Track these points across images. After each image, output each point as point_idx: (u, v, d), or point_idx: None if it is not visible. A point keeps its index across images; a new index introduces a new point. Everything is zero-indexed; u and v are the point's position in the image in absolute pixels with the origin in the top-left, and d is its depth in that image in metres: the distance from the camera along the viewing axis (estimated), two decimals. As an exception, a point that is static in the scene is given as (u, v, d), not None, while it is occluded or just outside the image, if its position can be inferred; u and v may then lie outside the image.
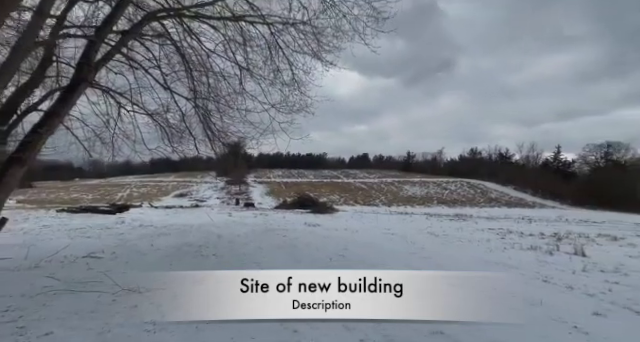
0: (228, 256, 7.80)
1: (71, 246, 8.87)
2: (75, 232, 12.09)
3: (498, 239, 12.33)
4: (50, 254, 7.62)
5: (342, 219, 20.76)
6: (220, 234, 11.49)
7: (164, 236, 11.09)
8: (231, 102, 8.52)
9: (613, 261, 9.17)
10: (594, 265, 8.50)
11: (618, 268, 8.35)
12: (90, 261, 6.99)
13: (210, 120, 8.50)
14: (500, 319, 2.30)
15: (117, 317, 3.67)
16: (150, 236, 10.91)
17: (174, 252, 8.17)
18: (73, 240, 10.35)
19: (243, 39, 8.51)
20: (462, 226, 16.89)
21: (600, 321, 4.59)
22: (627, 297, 5.81)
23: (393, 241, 11.11)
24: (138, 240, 10.12)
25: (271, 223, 15.54)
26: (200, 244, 9.25)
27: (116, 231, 12.47)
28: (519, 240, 11.99)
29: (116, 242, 9.91)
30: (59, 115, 6.44)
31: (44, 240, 10.37)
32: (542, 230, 16.28)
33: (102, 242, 9.91)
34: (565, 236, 13.51)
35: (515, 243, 11.33)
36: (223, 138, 8.68)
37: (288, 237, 10.86)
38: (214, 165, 64.72)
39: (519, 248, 10.42)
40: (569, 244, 11.20)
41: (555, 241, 11.93)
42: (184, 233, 11.65)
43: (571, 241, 11.92)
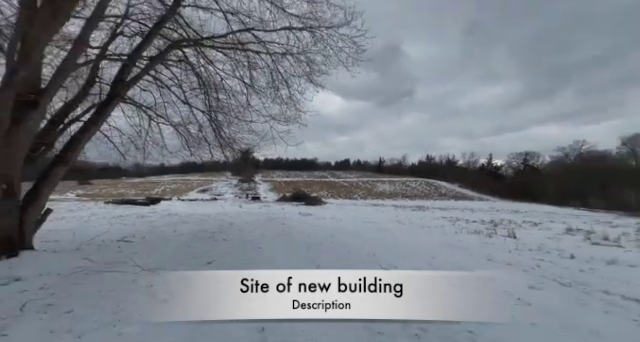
0: (236, 241, 7.36)
1: (110, 231, 8.38)
2: (115, 220, 11.55)
3: (450, 225, 12.06)
4: (91, 238, 7.12)
5: (329, 210, 20.20)
6: (231, 222, 11.00)
7: (186, 223, 10.60)
8: (239, 115, 8.12)
9: (536, 242, 9.01)
10: (523, 245, 8.30)
11: (540, 247, 8.18)
12: (122, 245, 6.50)
13: (222, 129, 8.09)
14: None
15: (133, 296, 3.24)
16: (174, 223, 10.41)
17: (192, 237, 7.70)
18: (112, 226, 9.83)
19: (249, 64, 8.18)
20: (422, 215, 16.52)
21: (537, 293, 4.31)
22: (551, 272, 5.57)
23: (370, 229, 10.69)
24: (165, 227, 9.62)
25: (273, 213, 15.04)
26: (214, 230, 8.79)
27: (148, 219, 11.94)
28: (466, 226, 11.77)
29: (147, 228, 9.40)
30: (96, 124, 6.00)
31: (89, 226, 9.83)
32: (482, 218, 16.12)
33: (135, 228, 9.40)
34: (499, 223, 13.35)
35: (463, 228, 11.13)
36: (232, 144, 8.27)
37: (286, 225, 10.39)
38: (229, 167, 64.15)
39: (466, 232, 10.18)
40: (503, 229, 11.04)
41: (492, 227, 11.77)
42: (202, 221, 11.16)
43: (504, 227, 11.76)
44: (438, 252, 6.88)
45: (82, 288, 3.60)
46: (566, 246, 8.55)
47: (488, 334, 2.72)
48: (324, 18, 7.84)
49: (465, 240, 8.67)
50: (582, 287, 4.70)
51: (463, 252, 6.96)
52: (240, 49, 7.98)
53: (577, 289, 4.60)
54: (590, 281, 5.03)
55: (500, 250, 7.46)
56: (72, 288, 3.61)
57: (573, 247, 8.46)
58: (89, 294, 3.35)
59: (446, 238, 8.95)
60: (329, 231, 9.38)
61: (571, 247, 8.44)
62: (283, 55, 8.28)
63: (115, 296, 3.26)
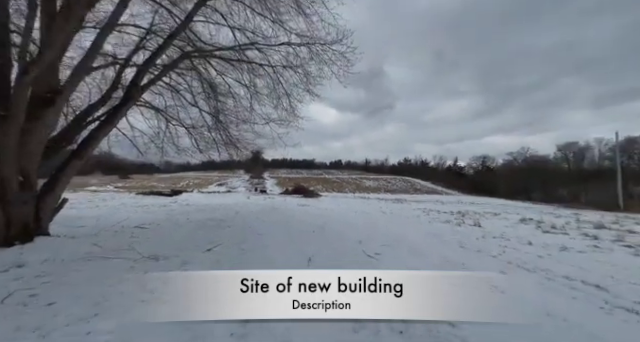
0: (239, 228, 6.77)
1: (130, 218, 7.73)
2: (141, 208, 10.86)
3: (425, 216, 11.43)
4: (112, 224, 6.51)
5: (324, 202, 19.25)
6: (238, 211, 10.32)
7: (200, 212, 9.95)
8: (243, 117, 7.54)
9: (498, 230, 8.50)
10: (488, 233, 7.80)
11: (502, 235, 7.68)
12: (137, 231, 5.87)
13: (228, 130, 7.48)
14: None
15: (122, 286, 2.62)
16: (189, 212, 9.75)
17: (201, 225, 7.09)
18: (136, 214, 9.17)
19: (253, 74, 7.62)
20: (401, 207, 15.92)
21: (507, 278, 3.79)
22: (515, 257, 5.08)
23: (358, 219, 9.99)
24: (180, 215, 8.96)
25: (276, 204, 14.36)
26: (221, 218, 8.15)
27: (169, 208, 11.27)
28: (438, 216, 11.17)
29: (165, 216, 8.76)
30: (111, 123, 5.36)
31: (116, 214, 9.13)
32: (450, 209, 15.54)
33: (155, 216, 8.76)
34: (465, 213, 12.79)
35: (436, 218, 10.57)
36: (236, 144, 7.67)
37: (285, 215, 9.71)
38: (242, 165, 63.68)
39: (439, 221, 9.61)
40: (469, 219, 10.54)
41: (460, 216, 11.23)
42: (214, 210, 10.49)
43: (470, 217, 11.24)
44: (414, 238, 6.37)
45: (78, 276, 3.00)
46: (523, 234, 8.07)
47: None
48: (319, 36, 7.30)
49: (438, 228, 8.15)
50: (544, 273, 4.19)
51: (438, 240, 6.43)
52: (245, 61, 7.40)
53: (540, 275, 4.08)
54: (551, 267, 4.52)
55: (469, 237, 6.95)
56: (69, 275, 3.01)
57: (529, 235, 7.98)
58: (81, 283, 2.76)
59: (422, 227, 8.42)
60: (323, 220, 8.77)
61: (527, 235, 7.96)
62: (284, 68, 7.70)
63: (104, 285, 2.67)
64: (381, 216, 10.75)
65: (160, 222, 7.37)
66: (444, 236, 6.82)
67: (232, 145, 7.56)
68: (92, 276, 2.94)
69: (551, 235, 8.23)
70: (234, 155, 7.76)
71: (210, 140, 7.63)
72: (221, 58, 7.12)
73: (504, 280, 2.90)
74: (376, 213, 11.83)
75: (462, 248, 5.63)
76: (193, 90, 7.24)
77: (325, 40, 7.41)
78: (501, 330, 1.97)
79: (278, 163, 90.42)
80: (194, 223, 7.28)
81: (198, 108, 7.12)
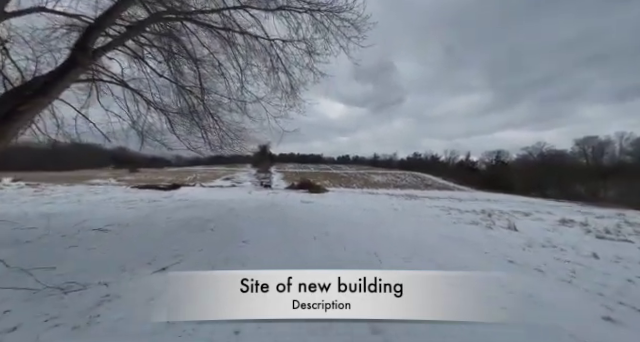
0: (224, 231, 5.47)
1: (99, 217, 6.50)
2: (126, 204, 9.60)
3: (445, 215, 9.72)
4: (67, 226, 5.28)
5: (330, 198, 17.07)
6: (233, 208, 8.98)
7: (190, 208, 8.65)
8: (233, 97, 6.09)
9: (540, 235, 6.92)
10: (531, 240, 6.24)
11: (549, 242, 6.18)
12: (89, 236, 4.57)
13: (215, 114, 6.08)
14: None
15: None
16: (177, 209, 8.44)
17: (181, 225, 5.83)
18: (116, 210, 7.98)
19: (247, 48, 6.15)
20: (414, 204, 14.05)
21: (610, 326, 2.34)
22: (598, 282, 3.56)
23: (369, 218, 8.36)
24: (164, 213, 7.65)
25: (277, 200, 12.77)
26: (209, 218, 6.83)
27: (158, 204, 10.00)
28: (460, 216, 9.51)
29: (146, 214, 7.49)
30: (47, 95, 4.02)
31: (93, 210, 7.93)
32: (472, 207, 13.59)
33: (135, 213, 7.51)
34: (491, 213, 10.96)
35: (459, 218, 8.94)
36: (222, 128, 6.26)
37: (284, 214, 8.22)
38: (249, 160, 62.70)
39: (464, 222, 8.01)
40: (499, 219, 8.91)
41: (487, 217, 9.56)
42: (205, 206, 9.19)
43: (498, 217, 9.57)
44: (444, 249, 4.87)
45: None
46: (573, 241, 6.48)
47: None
48: (323, 2, 5.76)
49: (467, 232, 6.61)
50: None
51: (473, 249, 4.93)
52: (237, 31, 5.94)
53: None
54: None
55: (512, 246, 5.43)
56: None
57: (581, 242, 6.39)
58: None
59: (446, 229, 6.88)
60: (328, 220, 7.36)
61: (579, 242, 6.37)
62: (283, 42, 6.22)
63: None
64: (395, 215, 9.20)
65: (133, 222, 6.12)
66: (480, 244, 5.32)
67: (219, 130, 6.17)
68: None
69: (610, 242, 6.61)
70: (216, 141, 6.33)
71: (193, 126, 6.26)
72: (203, 24, 5.67)
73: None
74: (388, 211, 10.23)
75: (512, 264, 4.14)
76: (172, 65, 5.86)
77: (331, 6, 5.88)
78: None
79: (286, 158, 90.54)
80: (174, 223, 6.00)
81: (176, 84, 5.73)
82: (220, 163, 76.08)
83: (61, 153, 56.98)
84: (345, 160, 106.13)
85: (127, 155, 60.62)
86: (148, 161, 60.13)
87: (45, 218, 5.66)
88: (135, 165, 57.52)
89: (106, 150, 45.96)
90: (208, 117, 6.56)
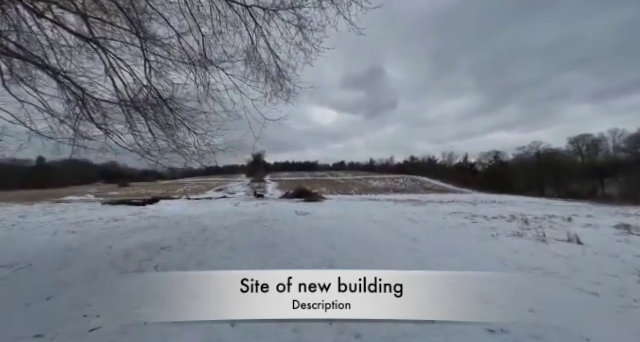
0: (177, 266, 3.46)
1: (17, 248, 4.49)
2: (74, 226, 7.46)
3: (472, 224, 7.76)
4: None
5: (329, 207, 14.40)
6: (207, 226, 6.90)
7: (150, 229, 6.57)
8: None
9: (612, 250, 5.05)
10: (613, 259, 4.42)
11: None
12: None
13: (166, 104, 4.21)
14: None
15: None
16: (134, 231, 6.32)
17: (115, 260, 3.88)
18: (46, 238, 5.92)
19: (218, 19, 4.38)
20: (426, 210, 11.79)
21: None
22: None
23: (384, 235, 6.18)
24: (113, 238, 5.53)
25: (265, 213, 10.18)
26: (165, 244, 4.84)
27: (119, 223, 7.87)
28: (491, 225, 7.59)
29: (87, 239, 5.49)
30: None
31: (12, 238, 5.92)
32: (498, 213, 11.21)
33: (67, 241, 5.45)
34: (525, 219, 8.80)
35: (491, 228, 7.01)
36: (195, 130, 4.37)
37: (270, 233, 6.00)
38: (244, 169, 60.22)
39: (505, 235, 6.13)
40: (543, 228, 6.99)
41: (524, 224, 7.65)
42: (173, 226, 7.09)
43: (539, 224, 7.65)
44: (516, 283, 2.99)
45: None
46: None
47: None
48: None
49: (523, 251, 4.75)
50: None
51: (564, 288, 3.06)
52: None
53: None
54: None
55: (616, 276, 3.57)
56: None
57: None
58: None
59: (492, 248, 4.99)
60: (331, 240, 5.38)
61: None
62: (265, 11, 4.42)
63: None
64: (415, 228, 7.18)
65: (46, 258, 4.12)
66: (560, 272, 3.48)
67: (182, 127, 4.30)
68: None
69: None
70: (188, 140, 4.42)
71: (149, 117, 4.37)
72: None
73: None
74: (404, 222, 8.23)
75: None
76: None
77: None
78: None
79: (280, 166, 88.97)
80: (111, 256, 4.02)
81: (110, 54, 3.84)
82: (216, 173, 73.11)
83: (50, 170, 53.81)
84: (341, 166, 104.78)
85: (117, 170, 57.40)
86: (140, 174, 57.21)
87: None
88: (126, 179, 55.13)
89: (96, 165, 42.01)
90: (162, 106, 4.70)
